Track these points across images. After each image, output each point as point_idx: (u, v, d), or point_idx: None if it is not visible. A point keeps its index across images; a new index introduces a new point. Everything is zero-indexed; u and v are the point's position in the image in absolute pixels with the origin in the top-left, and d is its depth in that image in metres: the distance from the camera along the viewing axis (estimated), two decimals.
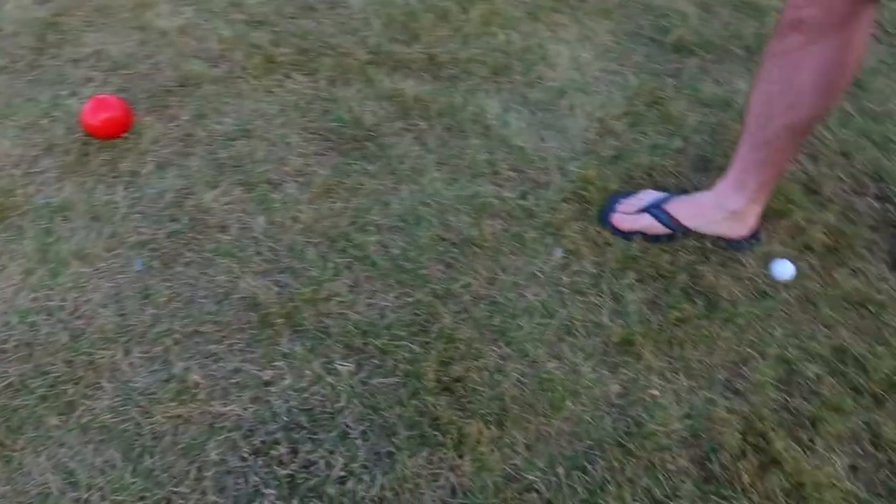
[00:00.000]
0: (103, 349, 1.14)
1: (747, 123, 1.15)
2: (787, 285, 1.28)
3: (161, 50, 1.55)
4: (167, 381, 1.12)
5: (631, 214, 1.31)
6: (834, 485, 1.06)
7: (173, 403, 1.09)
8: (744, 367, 1.18)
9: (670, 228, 1.29)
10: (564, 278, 1.26)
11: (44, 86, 1.49)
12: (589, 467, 1.07)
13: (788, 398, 1.16)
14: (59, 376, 1.11)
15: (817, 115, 1.11)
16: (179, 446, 1.06)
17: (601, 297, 1.24)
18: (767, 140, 1.13)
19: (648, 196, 1.33)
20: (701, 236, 1.30)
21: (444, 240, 1.30)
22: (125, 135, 1.39)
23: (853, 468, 1.10)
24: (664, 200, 1.31)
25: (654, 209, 1.30)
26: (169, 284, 1.22)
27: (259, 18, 1.63)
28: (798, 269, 1.29)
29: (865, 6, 1.01)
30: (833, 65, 1.07)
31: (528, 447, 1.09)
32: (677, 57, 1.63)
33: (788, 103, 1.07)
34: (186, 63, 1.52)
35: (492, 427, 1.10)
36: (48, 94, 1.47)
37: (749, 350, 1.19)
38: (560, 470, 1.07)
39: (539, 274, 1.27)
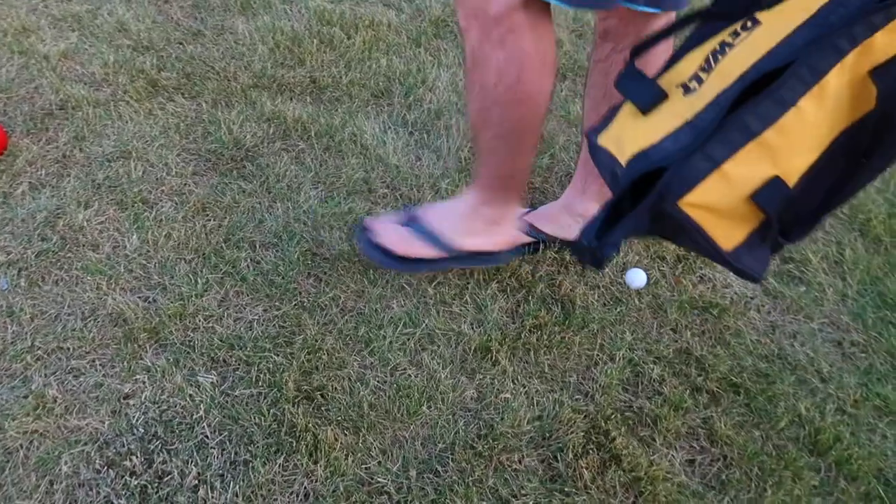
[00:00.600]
0: None
1: (584, 130, 1.24)
2: (640, 293, 1.36)
3: (43, 74, 1.57)
4: (25, 397, 1.12)
5: None
6: (668, 478, 1.13)
7: (28, 419, 1.10)
8: (594, 370, 1.25)
9: (533, 238, 1.37)
10: (430, 290, 1.32)
11: None
12: (440, 469, 1.12)
13: (633, 398, 1.23)
14: None
15: None
16: (32, 461, 1.06)
17: (464, 307, 1.30)
18: None
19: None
20: (561, 248, 1.38)
21: (315, 255, 1.34)
22: None
23: (690, 462, 1.17)
24: (526, 213, 1.38)
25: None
26: (34, 302, 1.23)
27: (146, 44, 1.67)
28: (650, 277, 1.38)
29: (658, 18, 1.11)
30: None
31: (382, 452, 1.13)
32: None
33: (609, 106, 1.16)
34: (68, 87, 1.54)
35: (348, 433, 1.13)
36: None
37: (599, 354, 1.27)
38: (412, 473, 1.11)
39: (407, 286, 1.32)
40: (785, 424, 1.20)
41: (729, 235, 0.75)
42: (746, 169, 0.71)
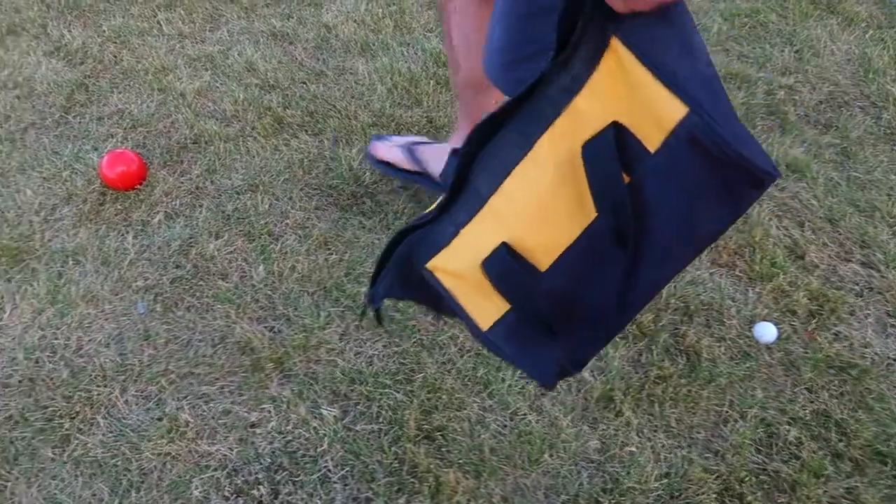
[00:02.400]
0: (101, 386, 1.19)
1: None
2: (769, 348, 1.30)
3: (179, 110, 1.66)
4: (159, 419, 1.16)
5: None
6: None
7: (163, 441, 1.13)
8: (723, 428, 1.19)
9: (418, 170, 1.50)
10: None
11: (68, 141, 1.60)
12: None
13: (767, 461, 1.16)
14: (56, 411, 1.16)
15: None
16: (165, 483, 1.09)
17: None
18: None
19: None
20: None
21: None
22: (139, 187, 1.48)
23: None
24: (420, 143, 1.52)
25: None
26: (168, 327, 1.28)
27: (272, 83, 1.75)
28: (781, 332, 1.31)
29: None
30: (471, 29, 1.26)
31: (504, 499, 1.10)
32: None
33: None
34: (201, 122, 1.62)
35: (469, 477, 1.11)
36: (72, 149, 1.58)
37: (729, 411, 1.21)
38: None
39: None
40: None
41: (483, 312, 0.71)
42: (481, 234, 0.67)
